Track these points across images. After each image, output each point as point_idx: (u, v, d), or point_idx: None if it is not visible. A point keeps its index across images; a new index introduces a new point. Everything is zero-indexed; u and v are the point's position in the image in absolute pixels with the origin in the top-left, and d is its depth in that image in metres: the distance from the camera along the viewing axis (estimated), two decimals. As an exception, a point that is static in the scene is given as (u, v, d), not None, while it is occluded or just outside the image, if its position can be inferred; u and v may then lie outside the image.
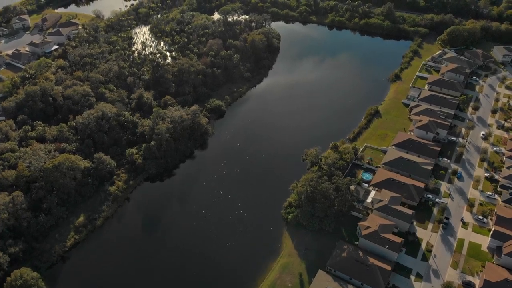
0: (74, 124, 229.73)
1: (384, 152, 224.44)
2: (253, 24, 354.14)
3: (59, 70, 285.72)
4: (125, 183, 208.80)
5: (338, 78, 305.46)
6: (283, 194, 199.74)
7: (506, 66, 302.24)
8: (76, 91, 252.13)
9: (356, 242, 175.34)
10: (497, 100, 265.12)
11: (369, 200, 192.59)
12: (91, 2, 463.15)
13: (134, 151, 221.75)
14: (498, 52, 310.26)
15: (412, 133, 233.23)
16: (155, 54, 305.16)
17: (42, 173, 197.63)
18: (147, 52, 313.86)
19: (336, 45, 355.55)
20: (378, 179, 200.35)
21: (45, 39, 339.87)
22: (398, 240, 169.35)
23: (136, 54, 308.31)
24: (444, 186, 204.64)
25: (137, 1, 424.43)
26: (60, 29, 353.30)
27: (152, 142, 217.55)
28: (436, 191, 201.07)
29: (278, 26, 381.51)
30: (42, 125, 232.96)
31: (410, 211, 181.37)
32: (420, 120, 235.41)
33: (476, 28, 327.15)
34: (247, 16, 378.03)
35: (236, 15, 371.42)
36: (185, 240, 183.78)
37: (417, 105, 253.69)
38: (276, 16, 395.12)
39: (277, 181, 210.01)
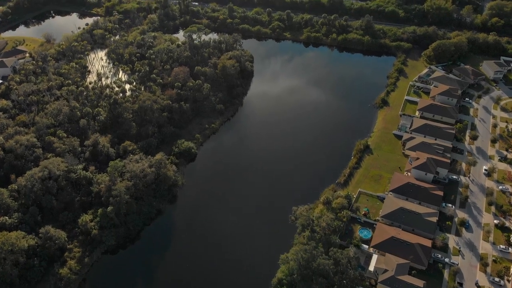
0: (16, 188, 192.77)
1: (381, 199, 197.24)
2: (223, 45, 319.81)
3: (0, 114, 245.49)
4: (79, 262, 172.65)
5: (320, 104, 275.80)
6: (270, 265, 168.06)
7: (498, 84, 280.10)
8: (19, 142, 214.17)
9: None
10: (494, 126, 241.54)
11: (371, 268, 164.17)
12: (42, 22, 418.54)
13: (89, 218, 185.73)
14: (489, 68, 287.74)
15: (409, 174, 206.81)
16: (113, 88, 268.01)
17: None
18: (103, 84, 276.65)
19: (314, 64, 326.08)
20: (379, 239, 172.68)
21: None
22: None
23: (90, 88, 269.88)
24: (452, 240, 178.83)
25: (92, 21, 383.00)
26: (4, 59, 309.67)
27: (109, 208, 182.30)
28: (445, 248, 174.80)
29: (250, 44, 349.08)
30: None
31: (420, 283, 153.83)
32: (417, 158, 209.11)
33: (463, 41, 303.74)
34: (216, 36, 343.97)
35: (204, 34, 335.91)
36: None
37: (411, 138, 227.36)
38: (247, 34, 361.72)
39: (262, 247, 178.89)
